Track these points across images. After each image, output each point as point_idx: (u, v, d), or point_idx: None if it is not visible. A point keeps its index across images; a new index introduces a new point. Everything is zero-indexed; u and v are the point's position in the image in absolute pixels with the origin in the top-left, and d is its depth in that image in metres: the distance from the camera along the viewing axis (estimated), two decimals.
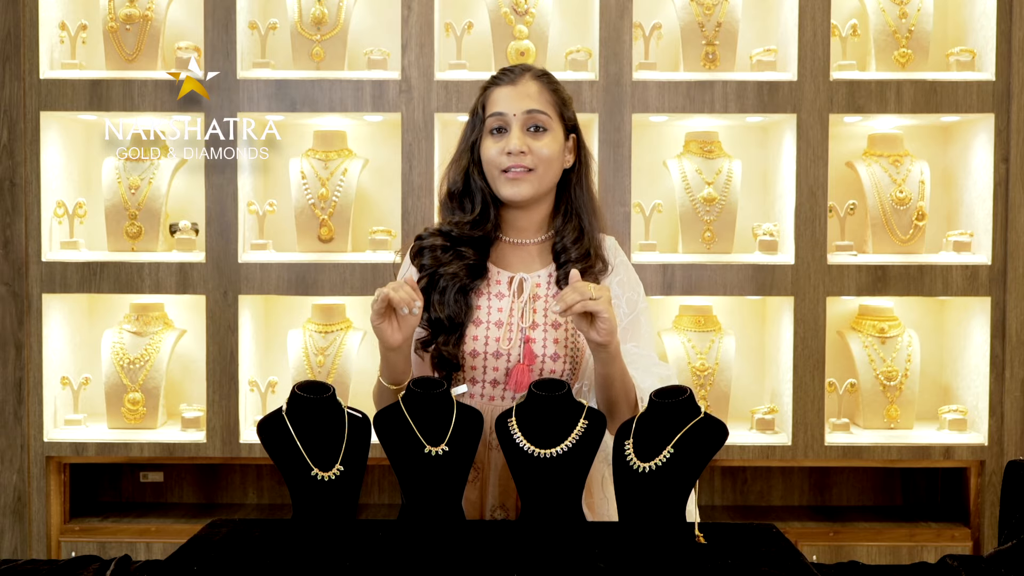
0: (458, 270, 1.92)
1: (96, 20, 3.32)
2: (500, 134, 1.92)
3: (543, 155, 1.91)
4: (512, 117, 1.91)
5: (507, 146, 1.90)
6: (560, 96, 1.96)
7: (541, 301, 1.94)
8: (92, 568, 1.74)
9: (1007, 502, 2.11)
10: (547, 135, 1.92)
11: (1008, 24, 3.12)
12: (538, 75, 1.96)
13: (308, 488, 1.67)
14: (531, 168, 1.91)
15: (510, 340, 1.92)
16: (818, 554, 3.17)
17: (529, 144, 1.90)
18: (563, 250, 1.96)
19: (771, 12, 3.37)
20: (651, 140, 3.42)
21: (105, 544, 3.19)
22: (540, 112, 1.91)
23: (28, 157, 3.14)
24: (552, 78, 1.98)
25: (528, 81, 1.94)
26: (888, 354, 3.26)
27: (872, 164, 3.29)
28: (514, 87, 1.93)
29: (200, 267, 3.15)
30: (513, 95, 1.92)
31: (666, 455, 1.64)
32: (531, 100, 1.92)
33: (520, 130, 1.91)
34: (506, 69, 1.98)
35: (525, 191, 1.91)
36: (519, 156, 1.89)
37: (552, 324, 1.93)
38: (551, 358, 1.92)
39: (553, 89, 1.96)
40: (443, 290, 1.92)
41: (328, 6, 3.21)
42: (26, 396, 3.16)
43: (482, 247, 1.96)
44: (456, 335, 1.91)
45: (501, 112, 1.92)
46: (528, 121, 1.91)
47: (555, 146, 1.93)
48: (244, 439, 3.18)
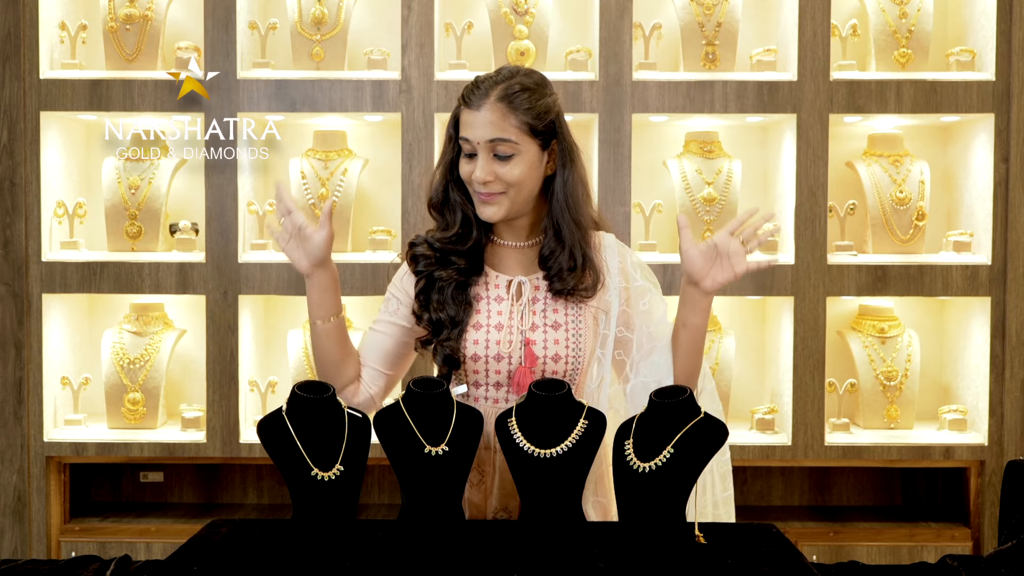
0: (452, 272, 1.93)
1: (96, 20, 3.32)
2: (471, 157, 1.89)
3: (511, 179, 1.86)
4: (476, 145, 1.86)
5: (473, 172, 1.87)
6: (532, 113, 1.86)
7: (540, 303, 1.94)
8: (92, 568, 1.74)
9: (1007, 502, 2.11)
10: (513, 159, 1.86)
11: (1008, 24, 3.12)
12: (502, 96, 1.85)
13: (308, 488, 1.67)
14: (502, 191, 1.88)
15: (511, 343, 1.92)
16: (818, 554, 3.17)
17: (495, 171, 1.86)
18: (548, 256, 1.93)
19: (771, 12, 3.37)
20: (651, 140, 3.42)
21: (105, 544, 3.19)
22: (502, 140, 1.85)
23: (28, 157, 3.14)
24: (519, 96, 1.86)
25: (490, 107, 1.84)
26: (888, 354, 3.26)
27: (872, 164, 3.29)
28: (478, 112, 1.85)
29: (200, 267, 3.15)
30: (476, 121, 1.85)
31: (666, 455, 1.64)
32: (493, 128, 1.85)
33: (486, 157, 1.86)
34: (475, 84, 1.88)
35: (498, 213, 1.90)
36: (486, 184, 1.87)
37: (552, 325, 1.93)
38: (552, 359, 1.92)
39: (523, 109, 1.85)
40: (441, 289, 1.92)
41: (328, 6, 3.21)
42: (26, 396, 3.16)
43: (474, 253, 1.96)
44: (457, 330, 1.91)
45: (467, 138, 1.87)
46: (492, 148, 1.86)
47: (523, 167, 1.87)
48: (244, 439, 3.18)
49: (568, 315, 1.93)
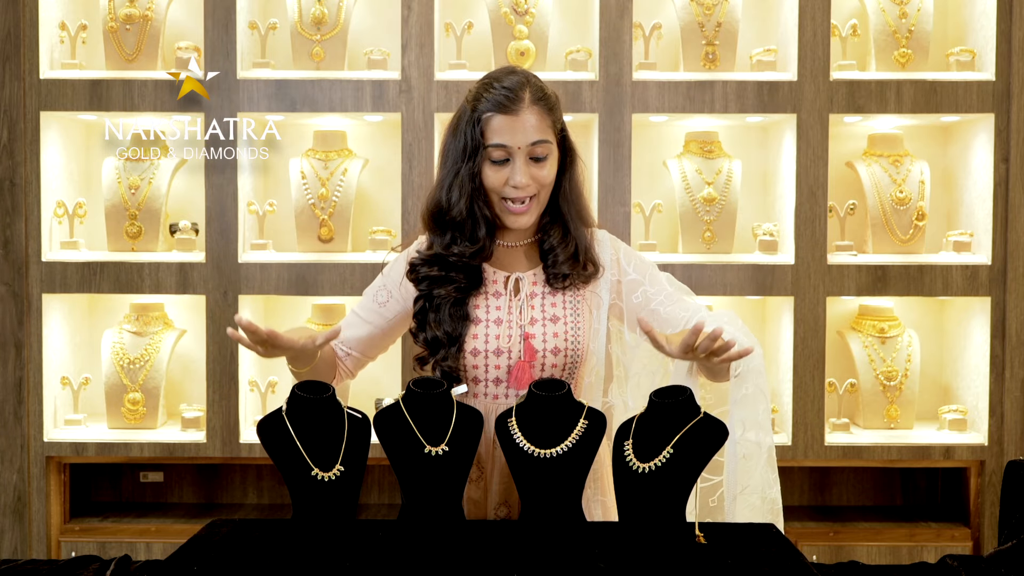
0: (451, 291, 1.94)
1: (96, 20, 3.32)
2: (502, 164, 1.89)
3: (546, 181, 1.91)
4: (516, 150, 1.88)
5: (511, 179, 1.88)
6: (556, 114, 1.93)
7: (538, 298, 1.96)
8: (92, 568, 1.74)
9: (1007, 502, 2.11)
10: (547, 160, 1.91)
11: (1008, 24, 3.12)
12: (536, 98, 1.89)
13: (308, 488, 1.67)
14: (533, 195, 1.91)
15: (510, 337, 1.93)
16: (818, 554, 3.17)
17: (533, 174, 1.89)
18: (550, 250, 1.97)
19: (771, 12, 3.37)
20: (651, 140, 3.42)
21: (105, 544, 3.19)
22: (542, 142, 1.89)
23: (28, 157, 3.14)
24: (546, 95, 1.91)
25: (527, 110, 1.88)
26: (888, 354, 3.26)
27: (872, 164, 3.29)
28: (517, 118, 1.87)
29: (200, 267, 3.15)
30: (516, 127, 1.87)
31: (665, 455, 1.64)
32: (534, 132, 1.88)
33: (524, 162, 1.88)
34: (504, 94, 1.88)
35: (531, 220, 1.94)
36: (525, 188, 1.89)
37: (550, 319, 1.95)
38: (551, 352, 1.94)
39: (550, 108, 1.91)
40: (438, 307, 1.94)
41: (328, 6, 3.21)
42: (26, 396, 3.16)
43: (475, 268, 1.97)
44: (455, 348, 1.92)
45: (504, 144, 1.88)
46: (532, 152, 1.89)
47: (553, 167, 1.93)
48: (244, 439, 3.18)
49: (566, 308, 1.96)
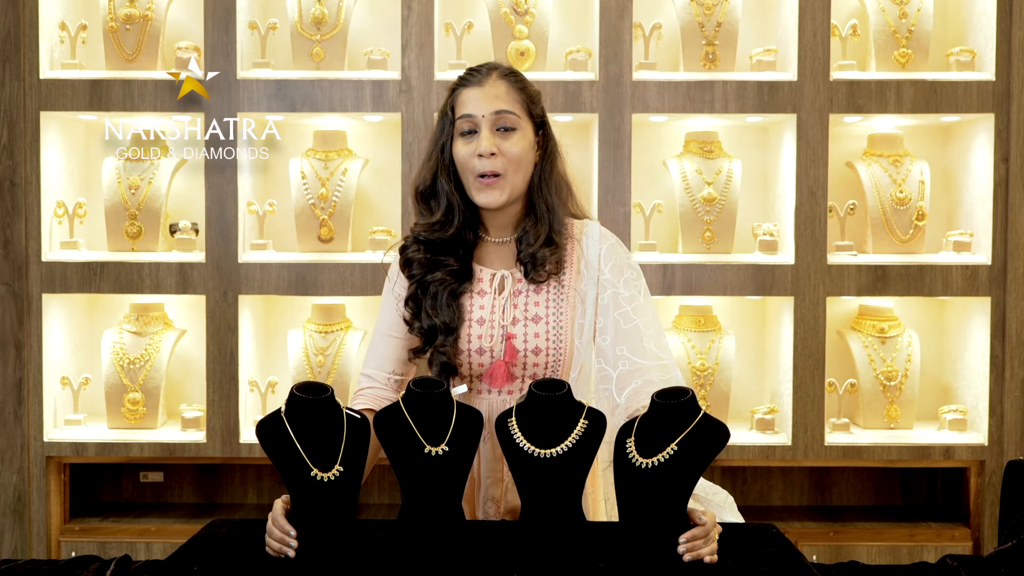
0: (445, 275, 1.95)
1: (96, 20, 3.32)
2: (470, 136, 1.93)
3: (512, 154, 1.92)
4: (481, 118, 1.91)
5: (477, 148, 1.91)
6: (528, 93, 1.96)
7: (522, 296, 1.96)
8: (92, 568, 1.74)
9: (1007, 502, 2.11)
10: (516, 134, 1.92)
11: (1008, 24, 3.12)
12: (505, 73, 1.95)
13: (307, 489, 1.67)
14: (501, 172, 1.91)
15: (492, 337, 1.93)
16: (818, 554, 3.17)
17: (498, 144, 1.91)
18: (523, 236, 1.96)
19: (771, 12, 3.37)
20: (651, 140, 3.41)
21: (105, 544, 3.19)
22: (508, 112, 1.92)
23: (28, 157, 3.14)
24: (520, 76, 1.98)
25: (495, 81, 1.94)
26: (888, 354, 3.26)
27: (872, 164, 3.29)
28: (481, 88, 1.93)
29: (200, 267, 3.15)
30: (481, 96, 1.92)
31: (669, 452, 1.64)
32: (499, 100, 1.92)
33: (489, 131, 1.91)
34: (473, 69, 1.97)
35: (498, 198, 1.93)
36: (490, 158, 1.90)
37: (532, 318, 1.95)
38: (532, 352, 1.94)
39: (521, 87, 1.96)
40: (435, 295, 1.95)
41: (328, 6, 3.21)
42: (26, 396, 3.16)
43: (463, 250, 1.97)
44: (453, 336, 1.93)
45: (470, 114, 1.92)
46: (497, 122, 1.92)
47: (524, 144, 1.93)
48: (244, 439, 3.18)
49: (549, 308, 1.96)
